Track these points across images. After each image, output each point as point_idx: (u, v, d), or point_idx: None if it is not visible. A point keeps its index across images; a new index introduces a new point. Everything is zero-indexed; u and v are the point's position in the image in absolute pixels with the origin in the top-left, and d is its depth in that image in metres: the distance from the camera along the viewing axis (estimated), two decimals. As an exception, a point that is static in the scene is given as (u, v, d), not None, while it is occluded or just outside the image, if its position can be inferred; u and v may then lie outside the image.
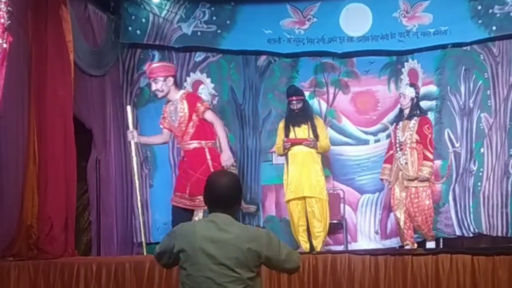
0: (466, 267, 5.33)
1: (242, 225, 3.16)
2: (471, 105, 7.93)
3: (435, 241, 7.18)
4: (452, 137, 7.95)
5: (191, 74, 8.02)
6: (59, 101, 6.33)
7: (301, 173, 7.03)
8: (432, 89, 8.06)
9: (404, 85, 7.25)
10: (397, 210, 6.98)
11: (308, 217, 7.07)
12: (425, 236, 6.95)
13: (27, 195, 6.00)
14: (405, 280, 5.40)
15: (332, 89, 8.32)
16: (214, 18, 8.17)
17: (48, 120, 6.23)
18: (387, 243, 7.94)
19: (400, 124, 7.09)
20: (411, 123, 6.97)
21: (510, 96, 7.77)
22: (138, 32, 8.08)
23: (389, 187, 7.16)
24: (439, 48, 8.02)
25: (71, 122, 6.47)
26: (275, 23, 8.15)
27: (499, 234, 7.66)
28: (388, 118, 7.95)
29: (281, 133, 7.21)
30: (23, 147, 6.06)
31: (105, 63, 7.67)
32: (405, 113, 7.07)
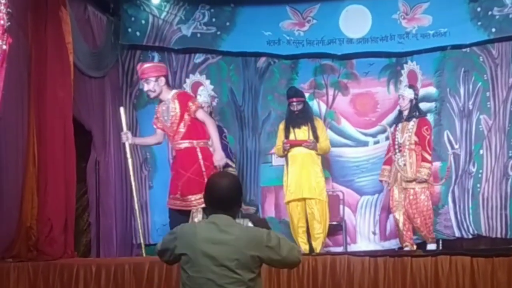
0: (465, 269, 5.33)
1: (243, 226, 3.16)
2: (471, 107, 7.94)
3: (435, 241, 7.16)
4: (452, 138, 7.95)
5: (190, 76, 8.04)
6: (59, 102, 6.32)
7: (301, 174, 7.03)
8: (432, 91, 8.07)
9: (403, 86, 7.26)
10: (396, 212, 6.97)
11: (308, 218, 7.06)
12: (425, 238, 6.94)
13: (26, 197, 5.99)
14: (405, 282, 5.40)
15: (331, 90, 8.32)
16: (213, 19, 8.18)
17: (48, 121, 6.21)
18: (386, 244, 7.95)
19: (399, 126, 7.09)
20: (410, 125, 6.97)
21: (509, 98, 7.78)
22: (138, 33, 8.08)
23: (388, 188, 7.16)
24: (439, 50, 8.03)
25: (70, 123, 6.46)
26: (275, 25, 8.16)
27: (498, 235, 7.66)
28: (387, 120, 7.97)
29: (281, 135, 7.21)
30: (22, 148, 6.05)
31: (105, 64, 7.68)
32: (404, 115, 7.07)
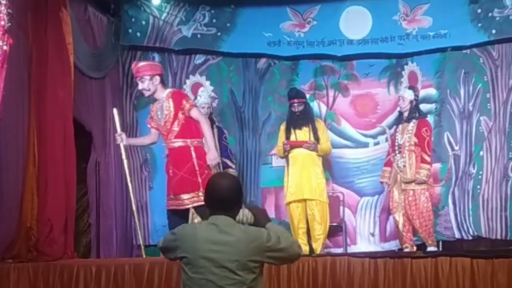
0: (465, 270, 5.33)
1: (244, 227, 3.15)
2: (471, 108, 7.94)
3: (436, 242, 7.13)
4: (452, 140, 7.95)
5: (190, 77, 8.04)
6: (59, 103, 6.32)
7: (302, 175, 7.03)
8: (432, 92, 8.07)
9: (404, 87, 7.25)
10: (396, 213, 6.95)
11: (309, 219, 7.06)
12: (424, 240, 6.92)
13: (26, 197, 5.99)
14: (405, 283, 5.40)
15: (331, 92, 8.32)
16: (214, 20, 8.18)
17: (48, 122, 6.21)
18: (386, 245, 7.94)
19: (399, 127, 7.08)
20: (409, 126, 6.94)
21: (509, 100, 7.78)
22: (138, 34, 8.08)
23: (389, 189, 7.16)
24: (439, 51, 8.03)
25: (71, 124, 6.46)
26: (275, 26, 8.16)
27: (498, 237, 7.65)
28: (387, 121, 7.96)
29: (282, 136, 7.22)
30: (23, 149, 6.05)
31: (105, 65, 7.68)
32: (404, 116, 7.05)
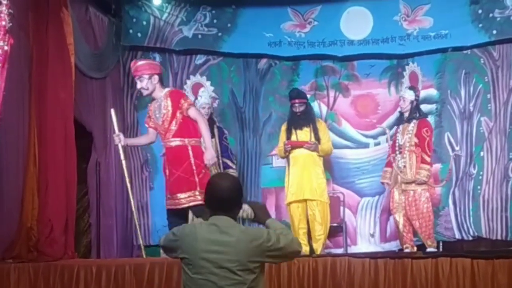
0: (465, 271, 5.32)
1: (243, 227, 3.16)
2: (471, 108, 7.94)
3: (436, 243, 7.09)
4: (452, 140, 7.94)
5: (191, 77, 8.03)
6: (60, 103, 6.32)
7: (302, 175, 7.04)
8: (432, 92, 8.07)
9: (404, 88, 7.25)
10: (396, 213, 6.95)
11: (309, 220, 7.06)
12: (424, 241, 6.88)
13: (27, 197, 5.98)
14: (405, 284, 5.40)
15: (332, 92, 8.32)
16: (215, 21, 8.18)
17: (49, 122, 6.21)
18: (386, 246, 7.95)
19: (400, 127, 7.08)
20: (410, 126, 6.93)
21: (510, 100, 7.78)
22: (139, 34, 8.08)
23: (390, 190, 7.15)
24: (440, 51, 8.03)
25: (71, 124, 6.46)
26: (276, 26, 8.16)
27: (499, 237, 7.65)
28: (388, 122, 7.97)
29: (283, 136, 7.22)
30: (23, 149, 6.05)
31: (106, 65, 7.68)
32: (405, 116, 7.05)
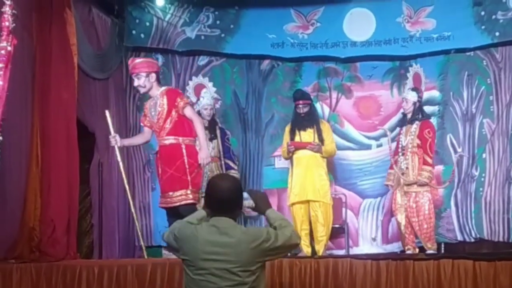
0: (467, 272, 5.31)
1: (244, 228, 3.17)
2: (474, 110, 7.94)
3: (436, 245, 7.01)
4: (455, 142, 7.94)
5: (193, 78, 8.03)
6: (63, 104, 6.32)
7: (305, 176, 7.04)
8: (435, 94, 8.07)
9: (407, 89, 7.25)
10: (398, 215, 6.95)
11: (312, 221, 7.06)
12: (423, 243, 6.81)
13: (29, 198, 5.98)
14: (407, 285, 5.38)
15: (335, 93, 8.33)
16: (218, 22, 8.20)
17: (52, 122, 6.20)
18: (388, 247, 7.95)
19: (403, 129, 7.08)
20: (412, 128, 6.93)
21: (512, 102, 7.79)
22: (142, 35, 8.10)
23: (393, 191, 7.14)
24: (442, 53, 8.04)
25: (74, 125, 6.45)
26: (279, 28, 8.17)
27: (501, 239, 7.65)
28: (390, 123, 7.97)
29: (286, 137, 7.23)
30: (26, 149, 6.05)
31: (109, 66, 7.69)
32: (407, 118, 7.04)
